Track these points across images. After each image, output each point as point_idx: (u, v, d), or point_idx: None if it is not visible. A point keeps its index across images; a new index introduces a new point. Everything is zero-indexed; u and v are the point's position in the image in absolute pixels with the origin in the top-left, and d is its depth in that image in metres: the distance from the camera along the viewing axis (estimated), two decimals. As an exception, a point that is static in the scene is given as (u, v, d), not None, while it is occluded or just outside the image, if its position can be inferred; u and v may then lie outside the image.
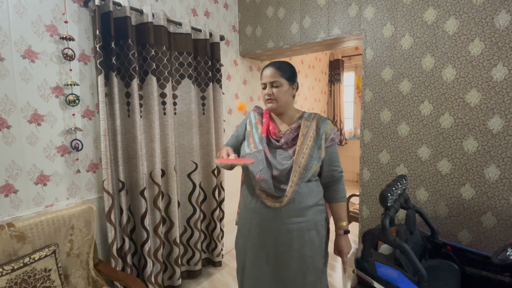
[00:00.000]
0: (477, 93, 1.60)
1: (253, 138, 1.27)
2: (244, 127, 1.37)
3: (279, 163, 1.20)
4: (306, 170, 1.17)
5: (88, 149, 1.67)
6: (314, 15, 2.17)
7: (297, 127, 1.25)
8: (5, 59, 1.35)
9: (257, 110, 1.39)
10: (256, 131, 1.29)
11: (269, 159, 1.21)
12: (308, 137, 1.21)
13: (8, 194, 1.39)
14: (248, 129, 1.32)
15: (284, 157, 1.21)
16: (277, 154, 1.23)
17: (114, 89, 1.65)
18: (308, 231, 1.21)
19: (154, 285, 1.89)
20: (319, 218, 1.25)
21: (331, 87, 4.73)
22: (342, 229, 1.29)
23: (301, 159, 1.17)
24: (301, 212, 1.20)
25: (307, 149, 1.19)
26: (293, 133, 1.24)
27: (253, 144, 1.25)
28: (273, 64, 1.25)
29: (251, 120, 1.34)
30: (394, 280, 1.30)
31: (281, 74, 1.22)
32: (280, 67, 1.23)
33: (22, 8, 1.39)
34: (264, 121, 1.30)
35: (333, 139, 1.25)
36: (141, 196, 1.79)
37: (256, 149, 1.23)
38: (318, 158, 1.20)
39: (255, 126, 1.31)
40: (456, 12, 1.62)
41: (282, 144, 1.23)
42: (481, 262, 1.46)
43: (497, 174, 1.58)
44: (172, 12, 2.11)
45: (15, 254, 1.31)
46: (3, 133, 1.36)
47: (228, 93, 2.63)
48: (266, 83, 1.24)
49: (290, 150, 1.22)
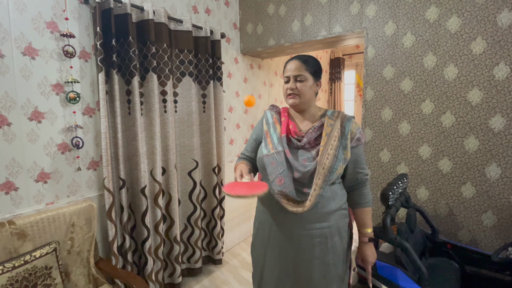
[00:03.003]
0: (478, 92, 1.60)
1: (271, 139, 1.18)
2: (261, 128, 1.27)
3: (301, 164, 1.11)
4: (331, 172, 1.08)
5: (89, 146, 1.67)
6: (316, 13, 2.16)
7: (320, 126, 1.14)
8: (5, 56, 1.34)
9: (274, 108, 1.29)
10: (275, 130, 1.19)
11: (290, 160, 1.11)
12: (332, 137, 1.11)
13: (8, 191, 1.38)
14: (265, 129, 1.22)
15: (306, 158, 1.12)
16: (298, 155, 1.13)
17: (114, 87, 1.65)
18: (332, 237, 1.13)
19: (154, 282, 1.89)
20: (343, 223, 1.17)
21: (331, 85, 4.72)
22: (367, 236, 1.20)
23: (325, 160, 1.08)
24: (324, 217, 1.12)
25: (331, 149, 1.09)
26: (316, 132, 1.14)
27: (271, 145, 1.16)
28: (298, 57, 1.15)
29: (268, 119, 1.24)
30: (394, 278, 1.30)
31: (307, 68, 1.13)
32: (306, 61, 1.14)
33: (22, 5, 1.38)
34: (283, 120, 1.20)
35: (359, 139, 1.15)
36: (142, 194, 1.79)
37: (275, 150, 1.13)
38: (344, 159, 1.10)
39: (273, 125, 1.20)
40: (458, 10, 1.61)
41: (304, 144, 1.13)
42: (481, 261, 1.47)
43: (498, 173, 1.58)
44: (173, 9, 2.10)
45: (16, 251, 1.31)
46: (4, 130, 1.35)
47: (228, 91, 2.62)
48: (290, 77, 1.14)
49: (313, 150, 1.12)
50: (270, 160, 1.14)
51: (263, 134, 1.24)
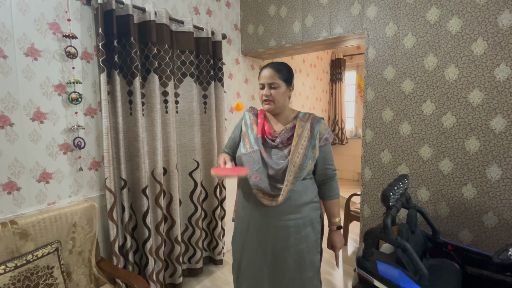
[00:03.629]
0: (479, 93, 1.60)
1: (249, 139, 1.30)
2: (240, 129, 1.39)
3: (274, 162, 1.23)
4: (301, 169, 1.21)
5: (91, 147, 1.68)
6: (317, 14, 2.17)
7: (292, 127, 1.27)
8: (8, 56, 1.35)
9: (252, 110, 1.41)
10: (252, 131, 1.31)
11: (265, 159, 1.23)
12: (302, 137, 1.23)
13: (10, 191, 1.39)
14: (244, 130, 1.34)
15: (279, 157, 1.24)
16: (272, 154, 1.26)
17: (116, 87, 1.65)
18: (304, 227, 1.25)
19: (155, 283, 1.90)
20: (315, 214, 1.30)
21: (332, 86, 4.73)
22: (335, 225, 1.34)
23: (296, 159, 1.20)
24: (297, 209, 1.24)
25: (301, 149, 1.22)
26: (288, 133, 1.26)
27: (249, 145, 1.28)
28: (272, 65, 1.26)
29: (246, 120, 1.36)
30: (395, 279, 1.30)
31: (279, 76, 1.24)
32: (278, 69, 1.25)
33: (25, 6, 1.39)
34: (259, 122, 1.32)
35: (327, 139, 1.28)
36: (143, 194, 1.80)
37: (252, 149, 1.26)
38: (313, 157, 1.24)
39: (250, 126, 1.33)
40: (459, 11, 1.61)
41: (278, 144, 1.26)
42: (482, 262, 1.46)
43: (499, 174, 1.58)
44: (174, 10, 2.11)
45: (18, 251, 1.31)
46: (6, 130, 1.36)
47: (229, 91, 2.63)
48: (264, 84, 1.26)
49: (285, 150, 1.25)
50: (248, 158, 1.25)
51: (242, 134, 1.35)
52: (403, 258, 1.33)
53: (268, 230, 1.25)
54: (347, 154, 4.82)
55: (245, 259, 1.33)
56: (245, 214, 1.32)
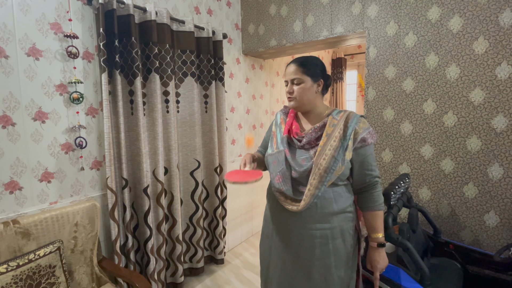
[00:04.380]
0: (481, 92, 1.59)
1: (276, 139, 1.23)
2: (271, 128, 1.33)
3: (298, 164, 1.12)
4: (327, 172, 1.06)
5: (92, 146, 1.68)
6: (317, 13, 2.17)
7: (321, 126, 1.14)
8: (10, 56, 1.35)
9: (284, 110, 1.31)
10: (280, 131, 1.23)
11: (289, 160, 1.14)
12: (332, 137, 1.09)
13: (13, 191, 1.40)
14: (273, 130, 1.28)
15: (304, 158, 1.13)
16: (297, 155, 1.15)
17: (117, 87, 1.66)
18: (333, 239, 1.11)
19: (157, 282, 1.90)
20: (347, 226, 1.14)
21: (333, 85, 4.72)
22: (375, 242, 1.15)
23: (321, 161, 1.07)
24: (324, 218, 1.11)
25: (330, 150, 1.07)
26: (316, 132, 1.14)
27: (276, 145, 1.21)
28: (296, 60, 1.17)
29: (277, 120, 1.29)
30: (396, 278, 1.30)
31: (303, 71, 1.14)
32: (302, 63, 1.15)
33: (26, 6, 1.39)
34: (288, 121, 1.23)
35: (364, 139, 1.10)
36: (144, 193, 1.80)
37: (277, 150, 1.18)
38: (344, 160, 1.08)
39: (279, 126, 1.26)
40: (460, 10, 1.61)
41: (304, 144, 1.15)
42: (484, 261, 1.46)
43: (500, 173, 1.58)
44: (175, 10, 2.11)
45: (20, 250, 1.32)
46: (8, 130, 1.36)
47: (230, 91, 2.63)
48: (288, 81, 1.17)
49: (311, 151, 1.13)
50: (273, 159, 1.19)
51: (271, 134, 1.29)
52: (404, 257, 1.33)
53: (292, 237, 1.15)
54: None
55: (271, 267, 1.25)
56: (270, 217, 1.25)
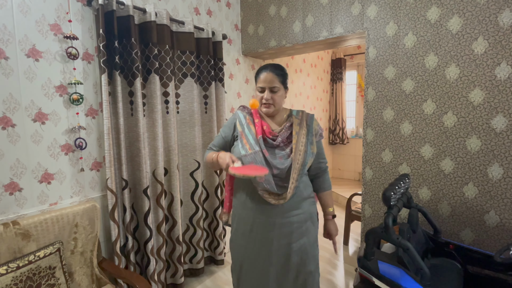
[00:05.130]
0: (480, 92, 1.59)
1: (247, 139, 1.26)
2: (232, 127, 1.35)
3: (279, 162, 1.24)
4: (303, 166, 1.24)
5: (92, 147, 1.68)
6: (317, 14, 2.17)
7: (290, 125, 1.30)
8: (10, 58, 1.35)
9: (245, 109, 1.37)
10: (249, 131, 1.28)
11: (269, 159, 1.23)
12: (301, 135, 1.27)
13: (12, 192, 1.40)
14: (240, 130, 1.30)
15: (282, 156, 1.26)
16: (275, 154, 1.26)
17: (117, 88, 1.66)
18: (305, 221, 1.29)
19: (157, 283, 1.90)
20: (313, 209, 1.35)
21: (333, 85, 4.72)
22: (330, 214, 1.40)
23: (298, 157, 1.24)
24: (298, 205, 1.28)
25: (302, 146, 1.25)
26: (287, 131, 1.29)
27: (248, 145, 1.25)
28: (271, 69, 1.27)
29: (241, 120, 1.32)
30: (396, 278, 1.30)
31: (279, 79, 1.26)
32: (278, 73, 1.27)
33: (26, 7, 1.39)
34: (257, 122, 1.30)
35: (321, 134, 1.36)
36: (144, 194, 1.80)
37: (253, 151, 1.23)
38: (312, 153, 1.28)
39: (247, 126, 1.29)
40: (459, 10, 1.61)
41: (279, 143, 1.27)
42: (484, 261, 1.46)
43: (500, 173, 1.58)
44: (175, 11, 2.11)
45: (20, 251, 1.32)
46: (8, 131, 1.36)
47: (230, 92, 2.63)
48: (265, 88, 1.26)
49: (286, 148, 1.27)
50: (249, 160, 1.22)
51: (236, 134, 1.32)
52: (404, 258, 1.33)
53: (273, 228, 1.26)
54: (348, 154, 4.82)
55: (247, 261, 1.32)
56: (248, 215, 1.30)
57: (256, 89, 1.31)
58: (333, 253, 2.61)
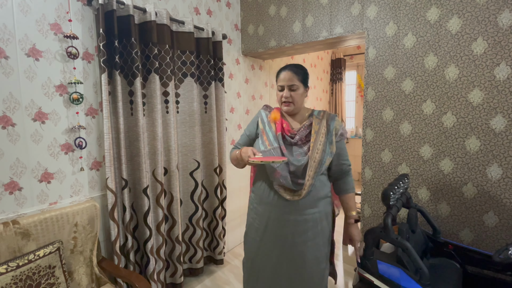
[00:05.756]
0: (479, 92, 1.60)
1: (267, 136, 1.32)
2: (255, 126, 1.41)
3: (295, 159, 1.26)
4: (320, 164, 1.26)
5: (92, 147, 1.68)
6: (317, 14, 2.17)
7: (309, 125, 1.32)
8: (10, 57, 1.36)
9: (268, 109, 1.43)
10: (270, 129, 1.33)
11: (286, 155, 1.26)
12: (320, 134, 1.29)
13: (12, 191, 1.40)
14: (261, 127, 1.36)
15: (299, 153, 1.28)
16: (293, 151, 1.29)
17: (117, 88, 1.66)
18: (321, 221, 1.31)
19: (156, 282, 1.90)
20: (329, 209, 1.36)
21: (332, 86, 4.73)
22: (353, 218, 1.37)
23: (315, 155, 1.26)
24: (315, 204, 1.29)
25: (320, 145, 1.27)
26: (306, 130, 1.31)
27: (268, 142, 1.31)
28: (290, 67, 1.30)
29: (263, 118, 1.39)
30: (396, 278, 1.30)
31: (298, 78, 1.29)
32: (297, 71, 1.30)
33: (26, 7, 1.39)
34: (278, 119, 1.35)
35: (342, 135, 1.34)
36: (144, 194, 1.80)
37: (271, 146, 1.29)
38: (331, 153, 1.29)
39: (268, 124, 1.35)
40: (459, 11, 1.62)
41: (297, 141, 1.30)
42: (483, 261, 1.46)
43: (499, 173, 1.58)
44: (175, 11, 2.11)
45: (20, 251, 1.32)
46: (8, 131, 1.37)
47: (230, 91, 2.63)
48: (284, 86, 1.30)
49: (304, 146, 1.29)
50: (268, 155, 1.27)
51: (258, 131, 1.38)
52: (403, 258, 1.34)
53: (288, 224, 1.28)
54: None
55: (260, 255, 1.35)
56: (264, 210, 1.33)
57: (277, 88, 1.35)
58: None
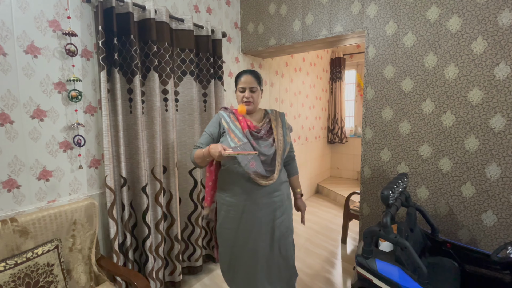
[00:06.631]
0: (479, 92, 1.60)
1: (235, 134, 1.48)
2: (217, 126, 1.55)
3: (265, 150, 1.48)
4: (284, 152, 1.54)
5: (90, 145, 1.68)
6: (317, 12, 2.17)
7: (268, 121, 1.57)
8: (8, 54, 1.35)
9: (227, 110, 1.59)
10: (235, 127, 1.50)
11: (256, 148, 1.46)
12: (278, 128, 1.56)
13: (11, 189, 1.39)
14: (226, 126, 1.51)
15: (266, 145, 1.50)
16: (260, 144, 1.49)
17: (116, 85, 1.65)
18: (284, 201, 1.54)
19: (155, 280, 1.90)
20: (288, 190, 1.62)
21: (332, 85, 4.72)
22: (299, 194, 1.73)
23: (280, 145, 1.52)
24: (279, 187, 1.52)
25: (281, 136, 1.54)
26: (267, 125, 1.56)
27: (236, 139, 1.46)
28: (250, 72, 1.54)
29: (226, 118, 1.54)
30: (394, 276, 1.31)
31: (257, 81, 1.53)
32: (256, 75, 1.53)
33: (25, 3, 1.38)
34: (241, 119, 1.52)
35: (291, 129, 1.66)
36: (143, 192, 1.80)
37: (241, 142, 1.44)
38: (288, 142, 1.58)
39: (233, 123, 1.51)
40: (459, 10, 1.62)
41: (263, 135, 1.52)
42: (481, 260, 1.47)
43: (498, 173, 1.58)
44: (174, 8, 2.10)
45: (18, 249, 1.32)
46: (6, 128, 1.36)
47: (229, 90, 2.63)
48: (246, 88, 1.51)
49: (269, 139, 1.53)
50: (239, 150, 1.41)
51: (223, 130, 1.52)
52: (402, 256, 1.34)
53: (262, 207, 1.48)
54: (347, 153, 4.83)
55: (239, 241, 1.50)
56: (239, 199, 1.48)
57: (238, 90, 1.54)
58: (331, 252, 2.63)
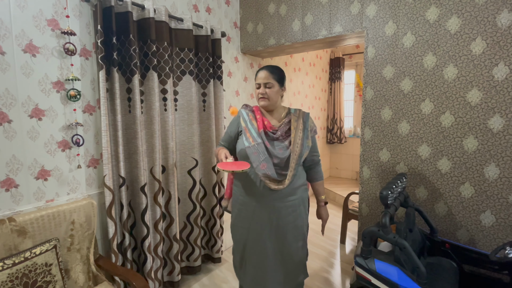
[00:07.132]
0: (478, 92, 1.60)
1: (250, 133, 1.44)
2: (236, 125, 1.53)
3: (279, 153, 1.41)
4: (300, 157, 1.42)
5: (89, 144, 1.67)
6: (316, 12, 2.16)
7: (288, 121, 1.48)
8: (6, 53, 1.34)
9: (247, 108, 1.55)
10: (252, 126, 1.45)
11: (270, 150, 1.40)
12: (298, 130, 1.45)
13: (8, 188, 1.39)
14: (243, 125, 1.47)
15: (281, 147, 1.43)
16: (275, 145, 1.44)
17: (115, 85, 1.65)
18: (299, 206, 1.48)
19: (154, 280, 1.90)
20: (305, 195, 1.54)
21: (331, 85, 4.73)
22: (323, 201, 1.61)
23: (296, 149, 1.41)
24: (294, 191, 1.45)
25: (299, 139, 1.43)
26: (286, 126, 1.47)
27: (251, 138, 1.42)
28: (266, 67, 1.46)
29: (244, 117, 1.50)
30: (393, 277, 1.31)
31: (273, 77, 1.44)
32: (272, 71, 1.45)
33: (23, 2, 1.38)
34: (258, 118, 1.48)
35: (315, 131, 1.55)
36: (142, 192, 1.79)
37: (255, 142, 1.40)
38: (307, 147, 1.46)
39: (250, 122, 1.47)
40: (458, 10, 1.62)
41: (279, 137, 1.45)
42: (480, 260, 1.47)
43: (496, 173, 1.59)
44: (174, 8, 2.10)
45: (16, 248, 1.31)
46: (4, 127, 1.35)
47: (229, 89, 2.62)
48: (261, 84, 1.45)
49: (285, 141, 1.44)
50: (252, 151, 1.39)
51: (241, 129, 1.49)
52: (401, 256, 1.34)
53: (274, 211, 1.43)
54: (346, 153, 4.83)
55: (250, 240, 1.49)
56: (250, 200, 1.46)
57: (255, 87, 1.48)
58: (330, 252, 2.63)
